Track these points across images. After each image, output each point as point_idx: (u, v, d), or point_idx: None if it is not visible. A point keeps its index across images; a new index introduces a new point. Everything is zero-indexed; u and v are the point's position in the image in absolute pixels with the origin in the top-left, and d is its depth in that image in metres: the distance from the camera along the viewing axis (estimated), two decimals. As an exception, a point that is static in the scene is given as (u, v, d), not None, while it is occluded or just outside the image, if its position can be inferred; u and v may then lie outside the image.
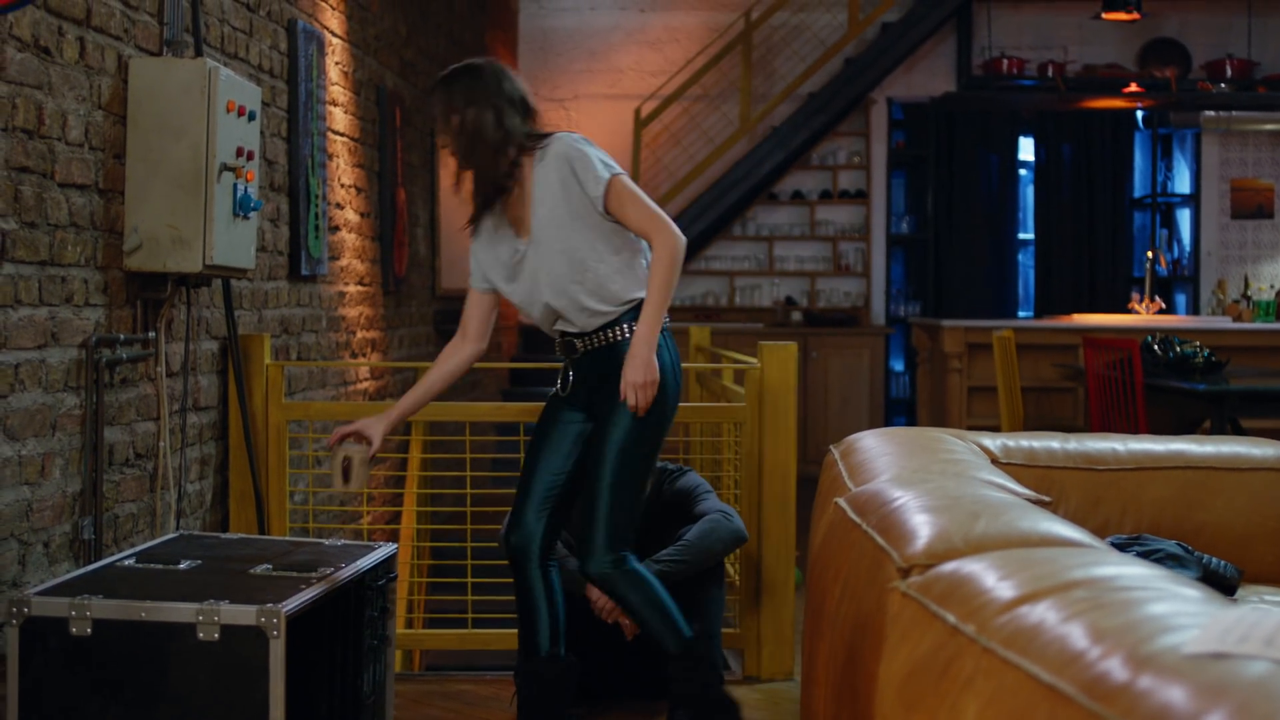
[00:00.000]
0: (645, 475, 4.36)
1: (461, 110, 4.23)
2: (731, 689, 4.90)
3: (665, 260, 4.18)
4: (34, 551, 4.13)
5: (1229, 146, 13.10)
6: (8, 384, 3.95)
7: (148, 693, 3.50)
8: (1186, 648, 1.65)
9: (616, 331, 4.27)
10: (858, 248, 13.18)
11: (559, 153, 4.21)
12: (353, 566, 4.05)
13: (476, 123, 4.21)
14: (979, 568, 2.26)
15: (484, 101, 4.22)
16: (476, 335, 4.52)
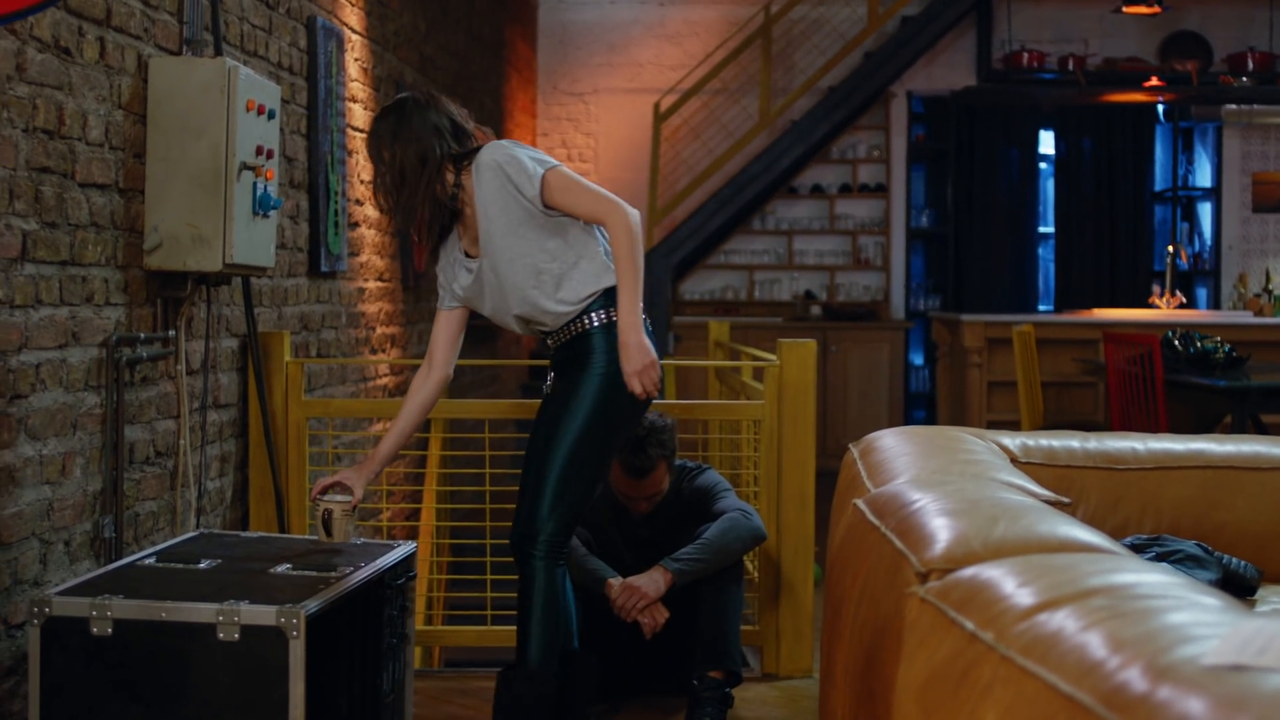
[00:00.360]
0: (601, 460, 4.27)
1: (390, 148, 4.24)
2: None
3: (623, 241, 4.12)
4: (55, 550, 4.14)
5: (1250, 140, 13.05)
6: (29, 384, 3.96)
7: (168, 692, 3.51)
8: (1206, 659, 1.64)
9: (585, 321, 4.22)
10: (877, 242, 13.16)
11: (489, 163, 4.18)
12: (372, 566, 4.06)
13: (401, 160, 4.22)
14: (997, 574, 2.25)
15: (408, 137, 4.22)
16: (443, 362, 4.51)
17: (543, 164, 4.19)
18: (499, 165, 4.16)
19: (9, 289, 3.86)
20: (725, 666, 4.77)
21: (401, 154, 4.22)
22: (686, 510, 5.10)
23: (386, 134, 4.27)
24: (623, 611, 4.70)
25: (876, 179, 13.16)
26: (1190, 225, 13.54)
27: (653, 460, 4.88)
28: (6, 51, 3.82)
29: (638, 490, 4.94)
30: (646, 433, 4.87)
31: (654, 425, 4.91)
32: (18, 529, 3.93)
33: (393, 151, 4.25)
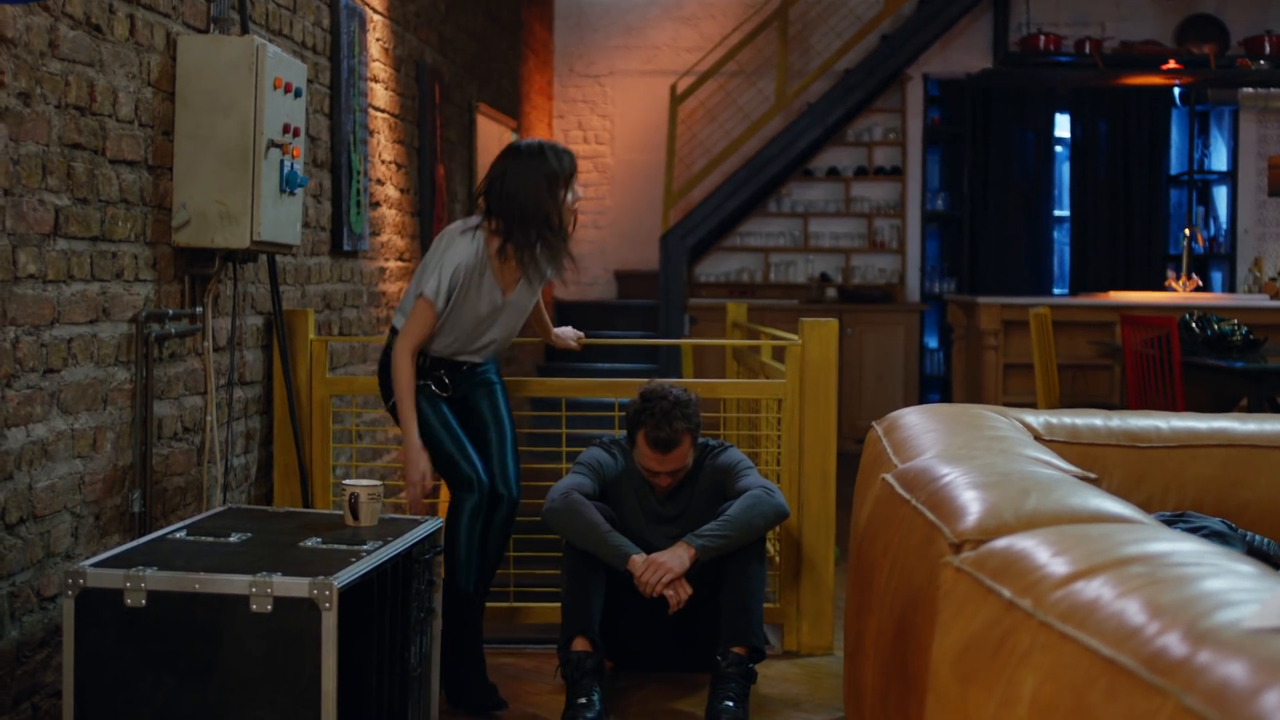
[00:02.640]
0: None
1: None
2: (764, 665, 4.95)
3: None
4: (85, 524, 4.18)
5: (1267, 124, 13.02)
6: (60, 358, 4.00)
7: (201, 663, 3.54)
8: (1245, 623, 1.66)
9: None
10: (893, 224, 13.16)
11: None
12: (400, 540, 4.09)
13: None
14: (1032, 544, 2.28)
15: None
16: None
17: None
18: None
19: (42, 264, 3.89)
20: (749, 643, 4.80)
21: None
22: (709, 488, 5.12)
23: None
24: (646, 587, 4.72)
25: (892, 162, 13.15)
26: (1205, 209, 13.52)
27: (678, 434, 4.91)
28: (40, 28, 3.85)
29: (662, 465, 4.97)
30: (672, 406, 4.89)
31: (679, 399, 4.94)
32: (50, 502, 3.96)
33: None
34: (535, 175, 4.93)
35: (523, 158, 4.95)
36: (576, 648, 4.78)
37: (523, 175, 4.92)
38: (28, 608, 3.88)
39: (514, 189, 4.91)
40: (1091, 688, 1.76)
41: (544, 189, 4.93)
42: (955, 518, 2.65)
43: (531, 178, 4.92)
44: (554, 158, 4.99)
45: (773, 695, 5.11)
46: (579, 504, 4.87)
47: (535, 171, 4.93)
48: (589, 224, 13.54)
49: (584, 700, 4.62)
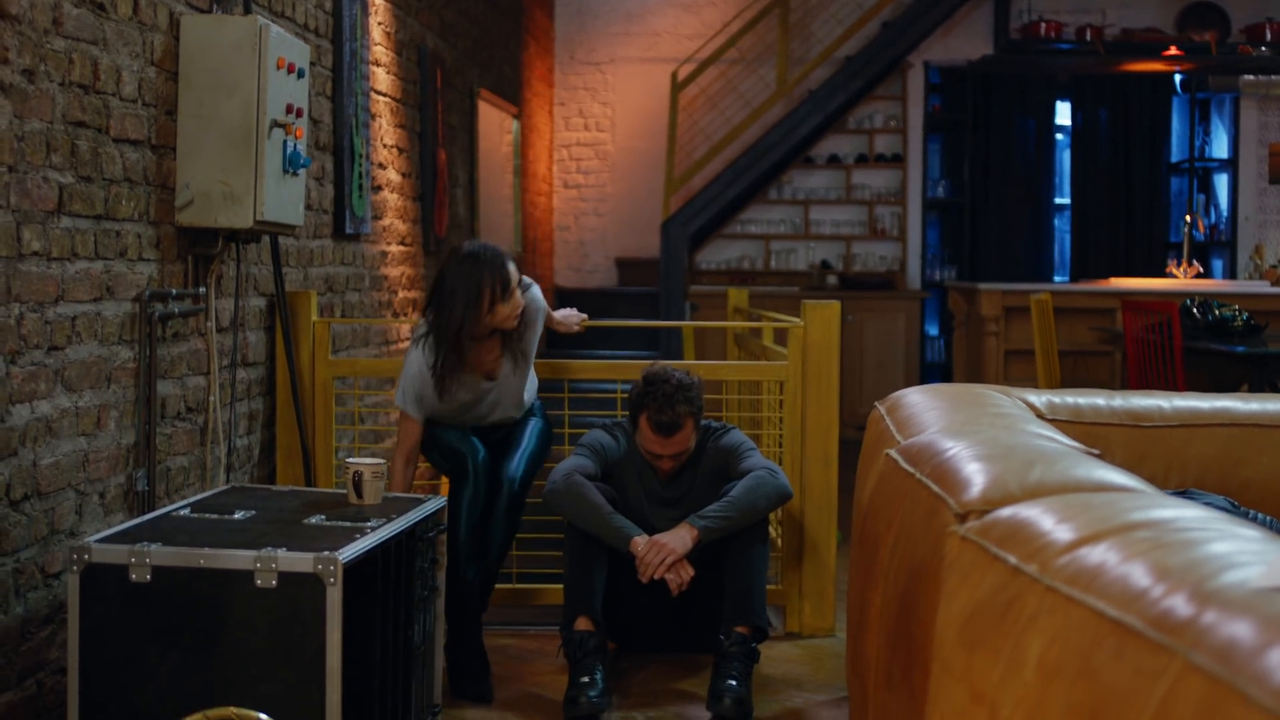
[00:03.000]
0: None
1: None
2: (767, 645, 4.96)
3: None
4: (90, 502, 4.18)
5: (1268, 111, 13.02)
6: (65, 336, 4.00)
7: (206, 638, 3.55)
8: (1251, 583, 1.66)
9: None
10: (894, 212, 13.15)
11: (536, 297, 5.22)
12: (404, 518, 4.09)
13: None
14: (1037, 512, 2.28)
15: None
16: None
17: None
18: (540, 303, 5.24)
19: (46, 241, 3.89)
20: (752, 622, 4.80)
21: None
22: (712, 470, 5.13)
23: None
24: (649, 568, 4.72)
25: (893, 149, 13.14)
26: (1206, 196, 13.52)
27: (680, 417, 4.91)
28: (43, 5, 3.85)
29: (664, 448, 4.98)
30: (674, 390, 4.90)
31: (682, 383, 4.94)
32: (55, 479, 3.97)
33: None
34: (462, 289, 4.92)
35: (458, 264, 4.95)
36: (579, 627, 4.79)
37: (453, 287, 4.94)
38: (32, 584, 3.89)
39: (446, 302, 4.94)
40: (1099, 649, 1.76)
41: (466, 306, 4.91)
42: (960, 489, 2.65)
43: (459, 298, 4.91)
44: (487, 270, 4.94)
45: (775, 675, 5.12)
46: (581, 485, 4.88)
47: (463, 284, 4.92)
48: (590, 211, 13.55)
49: (587, 679, 4.63)
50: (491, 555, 5.02)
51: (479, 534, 4.97)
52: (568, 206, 13.66)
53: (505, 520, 5.02)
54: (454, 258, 4.96)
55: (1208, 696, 1.49)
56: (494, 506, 5.01)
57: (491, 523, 5.01)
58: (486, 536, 5.00)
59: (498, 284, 4.91)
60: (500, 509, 5.01)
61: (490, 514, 5.01)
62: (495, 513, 5.01)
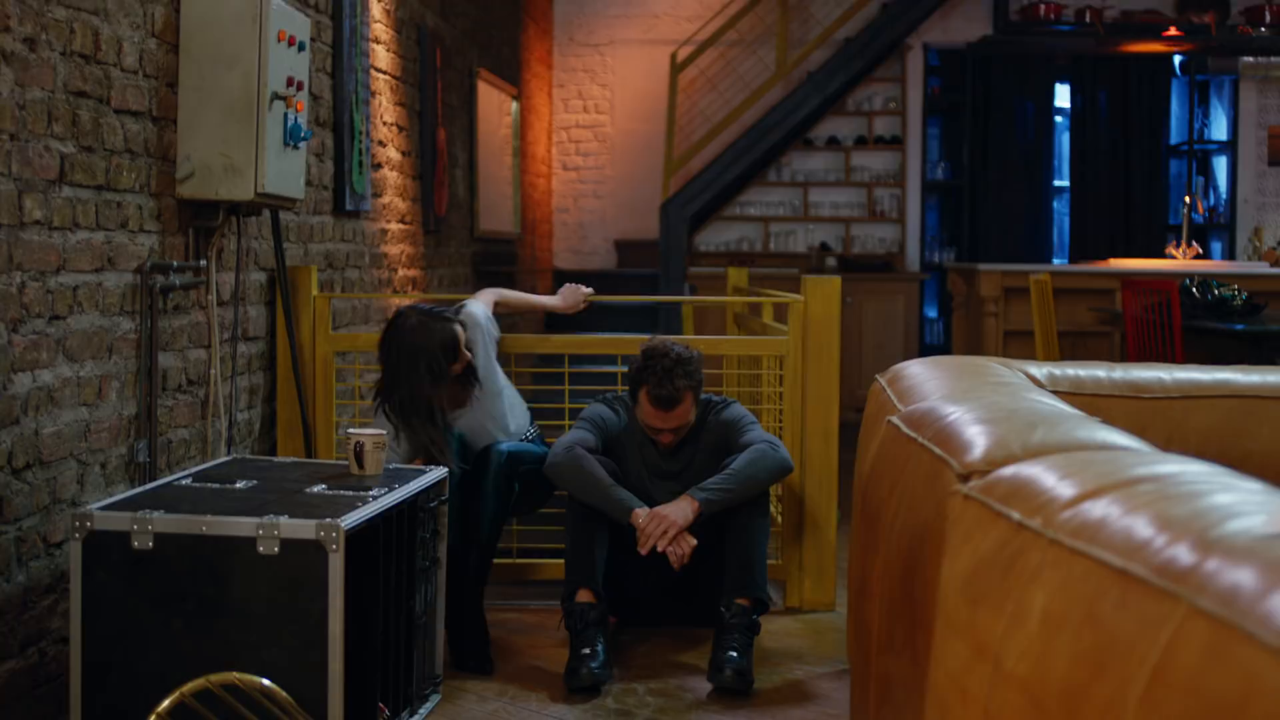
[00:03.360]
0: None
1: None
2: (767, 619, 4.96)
3: None
4: (91, 472, 4.19)
5: (1267, 93, 13.01)
6: (66, 305, 4.01)
7: (208, 605, 3.56)
8: (1255, 531, 1.67)
9: None
10: (893, 194, 13.15)
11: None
12: (405, 488, 4.10)
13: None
14: (1039, 470, 2.28)
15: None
16: None
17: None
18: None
19: (48, 210, 3.89)
20: (753, 594, 4.81)
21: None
22: (713, 443, 5.13)
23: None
24: (650, 540, 4.73)
25: (892, 131, 13.14)
26: (1205, 179, 13.51)
27: (680, 391, 4.91)
28: (45, -26, 3.85)
29: (664, 422, 4.98)
30: (674, 364, 4.90)
31: (681, 357, 4.94)
32: (57, 448, 3.97)
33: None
34: (416, 370, 5.00)
35: (403, 350, 5.04)
36: (580, 599, 4.80)
37: (406, 369, 5.02)
38: (34, 553, 3.89)
39: (401, 381, 5.02)
40: (1103, 599, 1.77)
41: (426, 384, 5.01)
42: (962, 451, 2.66)
43: (416, 372, 5.00)
44: (442, 347, 5.05)
45: (775, 649, 5.13)
46: (582, 458, 4.88)
47: (415, 366, 5.01)
48: (589, 193, 13.54)
49: (588, 650, 4.64)
50: (483, 530, 5.01)
51: (463, 513, 5.02)
52: (567, 189, 13.65)
53: (494, 494, 5.02)
54: (396, 338, 5.06)
55: (1212, 639, 1.49)
56: (482, 480, 5.01)
57: (480, 496, 5.02)
58: (477, 512, 5.02)
59: (449, 353, 5.05)
60: (489, 483, 5.01)
61: (478, 488, 5.02)
62: (484, 486, 5.01)
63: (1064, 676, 1.82)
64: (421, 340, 4.99)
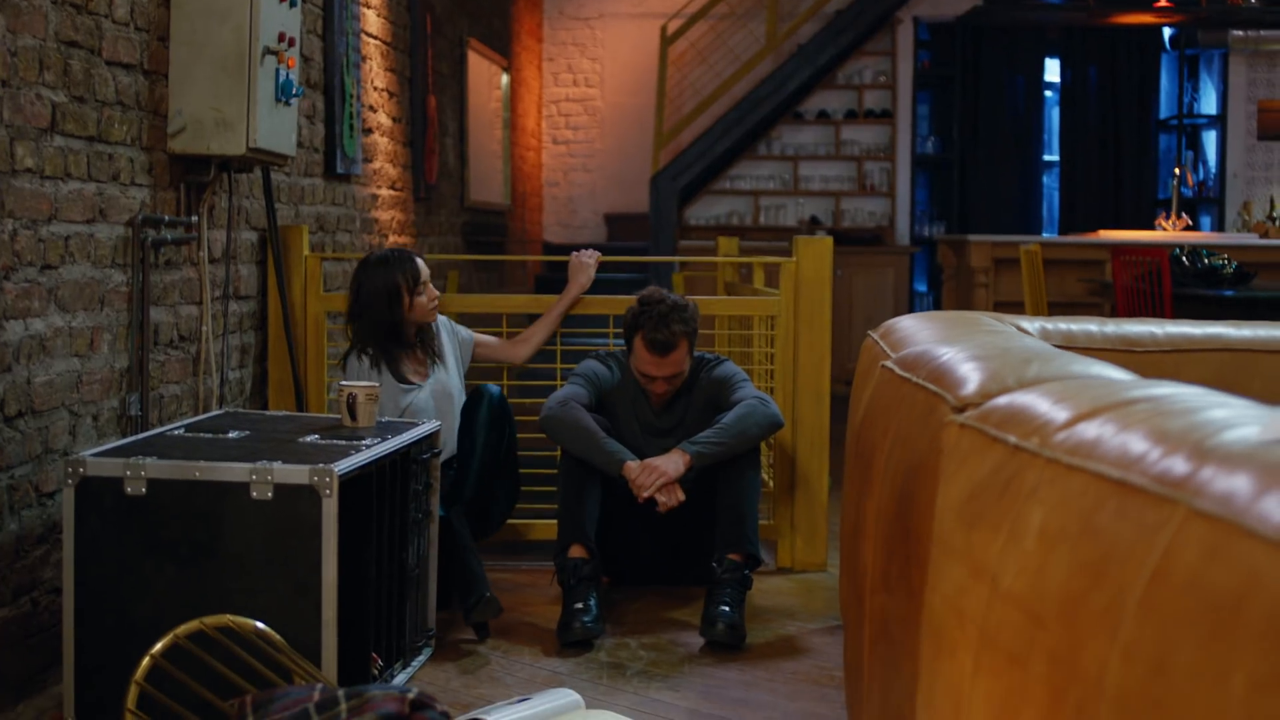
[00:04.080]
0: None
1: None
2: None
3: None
4: (83, 423, 4.18)
5: (1256, 67, 13.02)
6: (58, 255, 4.00)
7: (201, 551, 3.55)
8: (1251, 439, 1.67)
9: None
10: (883, 168, 13.14)
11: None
12: (398, 438, 4.10)
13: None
14: (1034, 397, 2.28)
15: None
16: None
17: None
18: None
19: (39, 159, 3.88)
20: (744, 549, 4.81)
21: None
22: (705, 400, 5.14)
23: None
24: (641, 490, 4.73)
25: (882, 105, 13.13)
26: (1195, 153, 13.53)
27: (675, 337, 4.91)
28: (36, -79, 3.84)
29: (659, 369, 4.98)
30: (670, 309, 4.90)
31: (677, 304, 4.95)
32: (49, 398, 3.97)
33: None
34: (381, 290, 5.15)
35: (369, 269, 5.21)
36: (573, 555, 4.79)
37: (371, 292, 5.18)
38: (26, 502, 3.89)
39: (365, 304, 5.19)
40: (1100, 510, 1.77)
41: (386, 303, 5.16)
42: (957, 385, 2.66)
43: (379, 294, 5.16)
44: (398, 267, 5.19)
45: (767, 606, 5.13)
46: (575, 411, 4.88)
47: (380, 286, 5.16)
48: (579, 167, 13.54)
49: (580, 605, 4.64)
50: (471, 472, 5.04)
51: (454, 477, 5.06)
52: (557, 162, 13.64)
53: (488, 427, 5.07)
54: (362, 268, 5.24)
55: (1212, 539, 1.49)
56: (475, 414, 5.10)
57: (473, 431, 5.08)
58: (469, 448, 5.07)
59: (409, 277, 5.17)
60: (483, 413, 5.09)
61: (471, 424, 5.10)
62: (477, 418, 5.09)
63: (1061, 588, 1.82)
64: (382, 267, 5.18)
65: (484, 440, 5.03)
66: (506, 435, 5.12)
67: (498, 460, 5.11)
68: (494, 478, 5.12)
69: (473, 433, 5.05)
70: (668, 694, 4.14)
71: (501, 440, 5.10)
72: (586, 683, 4.21)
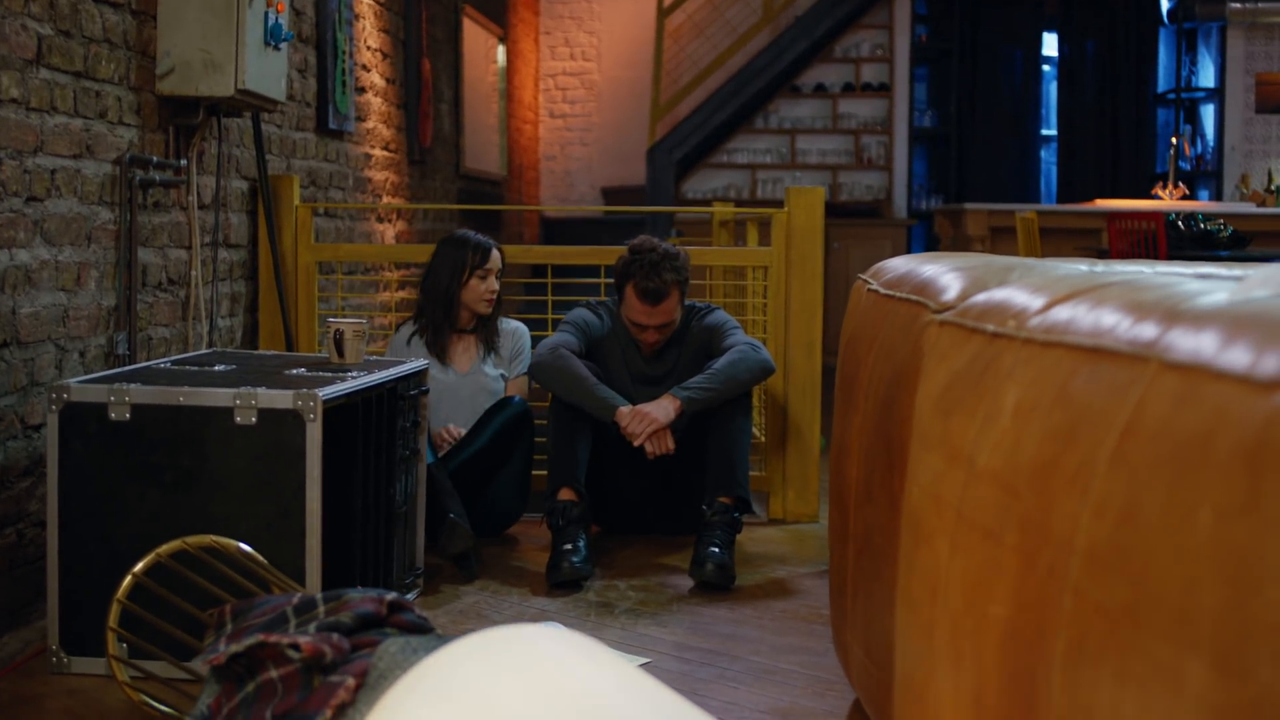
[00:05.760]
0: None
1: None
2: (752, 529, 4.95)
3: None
4: (70, 359, 4.17)
5: (1254, 40, 12.98)
6: (44, 187, 3.98)
7: (185, 476, 3.54)
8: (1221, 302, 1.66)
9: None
10: (880, 141, 13.12)
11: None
12: (385, 373, 4.09)
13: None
14: (1012, 290, 2.28)
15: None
16: None
17: None
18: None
19: (25, 90, 3.87)
20: (734, 493, 4.80)
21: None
22: (696, 349, 5.13)
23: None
24: (633, 438, 4.72)
25: (880, 78, 13.11)
26: (1193, 127, 13.50)
27: (667, 285, 4.91)
28: None
29: (650, 318, 4.97)
30: (661, 258, 4.89)
31: (668, 252, 4.94)
32: (34, 330, 3.95)
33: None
34: (447, 263, 5.36)
35: (445, 247, 5.43)
36: (562, 497, 4.78)
37: (440, 263, 5.39)
38: (11, 433, 3.88)
39: (433, 274, 5.40)
40: (1074, 377, 1.77)
41: (448, 275, 5.35)
42: (939, 293, 2.66)
43: (445, 265, 5.36)
44: (471, 246, 5.37)
45: (758, 553, 5.13)
46: (566, 358, 4.88)
47: (448, 260, 5.36)
48: (576, 141, 13.52)
49: (569, 546, 4.63)
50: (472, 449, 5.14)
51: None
52: (554, 136, 13.63)
53: (503, 423, 5.19)
54: (443, 240, 5.46)
55: (1183, 387, 1.49)
56: (492, 415, 5.24)
57: (487, 422, 5.21)
58: (470, 439, 5.17)
59: (476, 256, 5.30)
60: (499, 416, 5.22)
61: (485, 421, 5.22)
62: (493, 416, 5.23)
63: (1034, 456, 1.82)
64: (457, 241, 5.39)
65: (496, 428, 5.14)
66: (523, 439, 5.22)
67: (505, 451, 5.14)
68: (497, 468, 5.14)
69: (487, 422, 5.17)
70: (655, 629, 4.14)
71: (515, 441, 5.19)
72: (574, 620, 4.21)
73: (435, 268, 5.35)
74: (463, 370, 5.36)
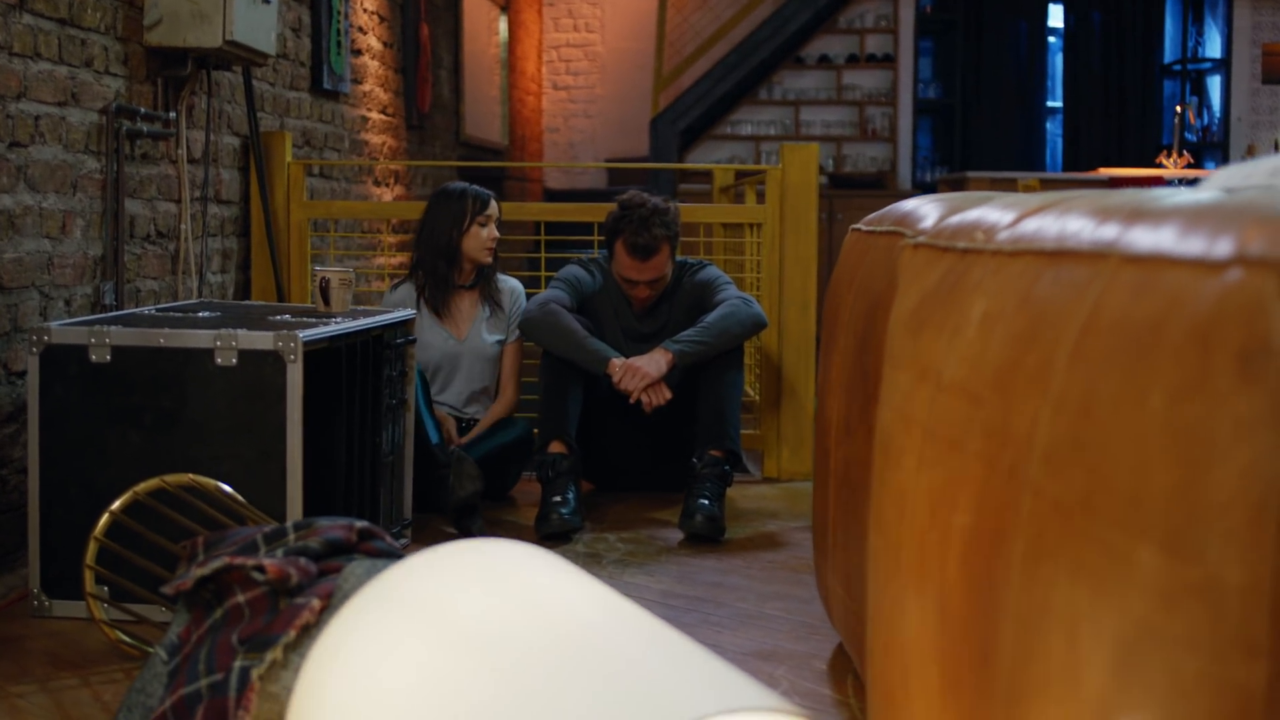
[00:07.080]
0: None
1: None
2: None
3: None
4: (55, 306, 4.15)
5: (1261, 9, 12.93)
6: (28, 134, 3.96)
7: (166, 417, 3.52)
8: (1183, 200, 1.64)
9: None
10: (885, 113, 13.08)
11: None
12: (370, 320, 4.07)
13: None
14: (985, 209, 2.25)
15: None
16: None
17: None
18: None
19: (7, 35, 3.85)
20: (724, 446, 4.78)
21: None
22: (688, 304, 5.10)
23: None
24: (624, 391, 4.70)
25: (884, 50, 13.06)
26: (1199, 98, 13.45)
27: (657, 241, 4.88)
28: None
29: (640, 273, 4.95)
30: (651, 213, 4.87)
31: (658, 207, 4.91)
32: (18, 276, 3.94)
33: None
34: (446, 213, 5.21)
35: (440, 199, 5.29)
36: (552, 450, 4.77)
37: (438, 214, 5.25)
38: (-5, 379, 3.87)
39: (430, 227, 5.26)
40: (1037, 281, 1.75)
41: (448, 224, 5.22)
42: (917, 221, 2.64)
43: (445, 216, 5.22)
44: (469, 195, 5.26)
45: (749, 509, 5.11)
46: (557, 313, 4.85)
47: (447, 210, 5.21)
48: (580, 113, 13.49)
49: (559, 498, 4.61)
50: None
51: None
52: (557, 108, 13.60)
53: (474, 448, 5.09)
54: (435, 193, 5.35)
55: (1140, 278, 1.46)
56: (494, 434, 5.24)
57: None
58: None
59: (476, 204, 5.18)
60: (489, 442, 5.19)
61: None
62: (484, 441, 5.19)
63: (996, 362, 1.79)
64: (454, 192, 5.27)
65: (492, 447, 5.14)
66: (516, 462, 5.32)
67: (498, 474, 5.14)
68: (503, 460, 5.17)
69: (488, 437, 5.19)
70: (642, 578, 4.12)
71: (508, 465, 5.27)
72: (561, 570, 4.18)
73: (432, 220, 5.24)
74: (460, 336, 5.30)
